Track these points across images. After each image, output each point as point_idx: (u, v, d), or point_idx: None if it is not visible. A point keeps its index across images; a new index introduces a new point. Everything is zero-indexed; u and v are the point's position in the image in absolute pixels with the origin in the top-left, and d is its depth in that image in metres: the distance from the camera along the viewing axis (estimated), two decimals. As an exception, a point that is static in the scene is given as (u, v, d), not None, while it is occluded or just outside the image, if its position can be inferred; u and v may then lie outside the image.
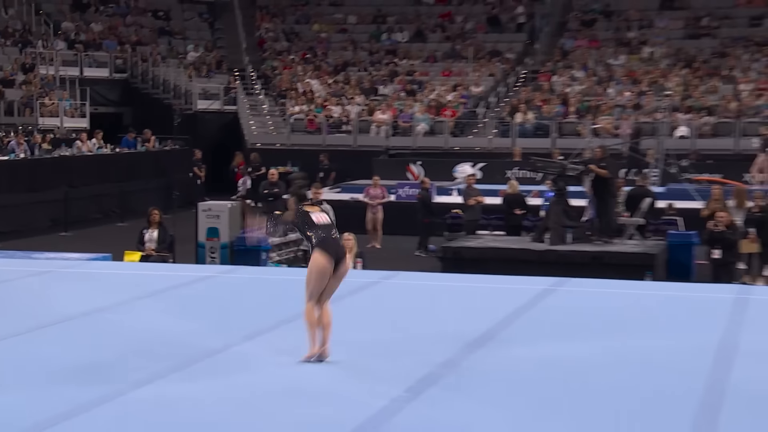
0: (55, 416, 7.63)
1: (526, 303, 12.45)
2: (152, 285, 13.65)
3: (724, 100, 33.45)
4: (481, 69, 38.70)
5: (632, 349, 10.08)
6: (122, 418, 7.78)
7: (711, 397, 8.48)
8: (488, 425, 7.65)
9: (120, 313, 11.83)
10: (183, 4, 44.68)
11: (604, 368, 9.46)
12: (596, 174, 19.31)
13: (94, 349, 10.11)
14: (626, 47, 39.01)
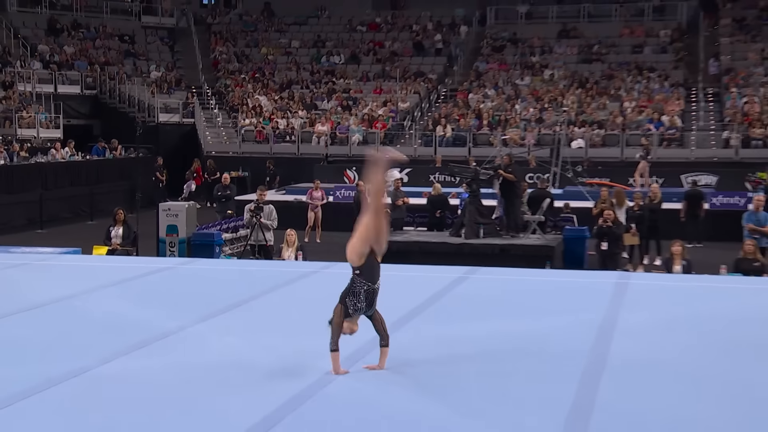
0: (29, 389, 7.55)
1: (442, 289, 12.46)
2: (117, 275, 13.49)
3: (612, 115, 33.90)
4: (407, 87, 38.84)
5: (531, 326, 10.16)
6: (89, 389, 7.75)
7: (593, 365, 8.59)
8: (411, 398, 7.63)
9: (87, 299, 11.69)
10: (146, 29, 44.29)
11: (507, 341, 9.51)
12: (504, 178, 19.46)
13: (64, 331, 9.99)
14: (530, 70, 39.40)
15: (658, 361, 8.78)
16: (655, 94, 36.02)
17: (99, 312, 10.86)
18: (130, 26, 44.09)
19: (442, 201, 22.61)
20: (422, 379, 8.15)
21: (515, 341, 9.58)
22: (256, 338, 9.68)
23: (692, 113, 34.90)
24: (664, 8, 41.70)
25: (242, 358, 8.84)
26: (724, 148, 31.54)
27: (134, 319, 10.53)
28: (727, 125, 32.90)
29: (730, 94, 35.10)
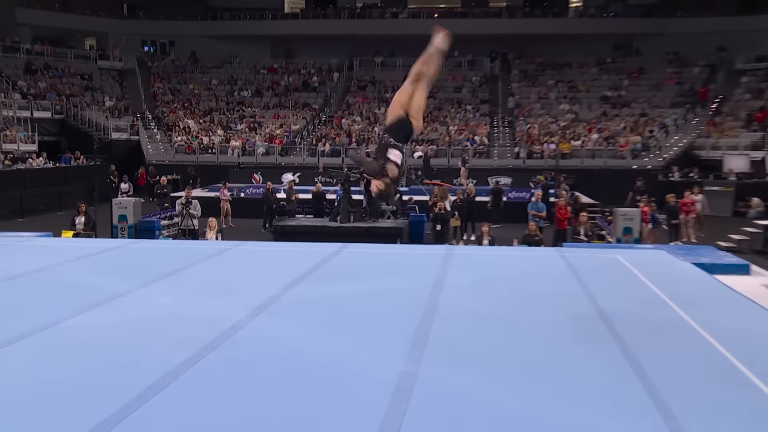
0: (4, 340, 7.10)
1: (322, 259, 12.36)
2: (79, 253, 12.85)
3: (441, 135, 34.43)
4: (297, 114, 38.52)
5: (386, 286, 10.19)
6: (55, 339, 7.39)
7: (429, 309, 8.67)
8: (302, 335, 7.56)
9: (55, 271, 11.10)
10: (101, 70, 42.70)
11: (371, 294, 9.52)
12: (367, 179, 19.49)
13: (32, 295, 9.43)
14: (384, 102, 39.53)
15: (477, 309, 8.93)
16: (470, 121, 36.81)
17: (64, 280, 10.33)
18: (89, 68, 42.66)
19: (322, 196, 22.53)
20: (311, 322, 8.07)
21: (376, 294, 9.59)
22: (187, 297, 9.39)
23: (495, 134, 35.82)
24: (474, 62, 42.75)
25: (176, 312, 8.56)
26: (516, 158, 32.49)
27: (93, 285, 10.06)
28: (517, 143, 33.88)
29: (519, 122, 36.16)
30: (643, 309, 8.78)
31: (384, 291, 9.89)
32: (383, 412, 5.39)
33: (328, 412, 5.45)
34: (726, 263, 11.95)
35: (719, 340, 7.23)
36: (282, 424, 5.24)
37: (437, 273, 11.21)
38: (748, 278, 11.28)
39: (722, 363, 6.62)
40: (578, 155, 32.08)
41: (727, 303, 9.29)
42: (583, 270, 11.04)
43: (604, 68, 41.07)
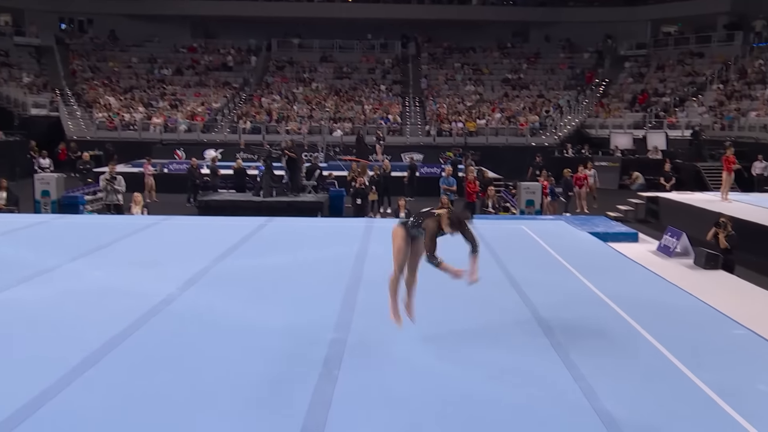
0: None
1: (249, 233, 12.15)
2: (4, 228, 12.17)
3: (357, 114, 34.27)
4: (218, 92, 37.41)
5: (311, 256, 10.11)
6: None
7: (354, 278, 8.71)
8: (227, 303, 7.44)
9: (-18, 246, 10.50)
10: (18, 46, 40.07)
11: (297, 265, 9.44)
12: (289, 156, 19.17)
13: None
14: (302, 83, 38.99)
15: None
16: (384, 100, 36.72)
17: (-7, 255, 9.80)
18: (5, 44, 39.77)
19: (243, 172, 22.06)
20: (242, 294, 7.93)
21: (303, 265, 9.51)
22: (118, 271, 9.05)
23: (407, 113, 35.91)
24: (386, 45, 42.52)
25: (109, 286, 8.25)
26: (426, 136, 32.69)
27: (20, 259, 9.58)
28: (428, 122, 34.12)
29: (429, 102, 36.40)
30: (549, 276, 9.05)
31: (310, 262, 9.80)
32: (315, 380, 5.37)
33: (265, 379, 5.38)
34: (617, 232, 12.47)
35: (618, 304, 7.54)
36: (226, 391, 5.13)
37: (359, 245, 11.22)
38: (637, 245, 11.81)
39: (620, 324, 6.91)
40: (483, 133, 32.77)
41: (620, 268, 9.70)
42: (492, 240, 11.27)
43: (505, 52, 41.93)
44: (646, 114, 33.94)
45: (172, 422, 4.60)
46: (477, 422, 4.64)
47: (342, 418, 4.67)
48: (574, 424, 4.60)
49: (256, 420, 4.63)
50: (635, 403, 4.90)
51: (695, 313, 7.24)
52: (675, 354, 5.85)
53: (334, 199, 19.74)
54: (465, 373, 5.55)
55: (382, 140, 28.54)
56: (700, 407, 4.79)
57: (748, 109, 30.28)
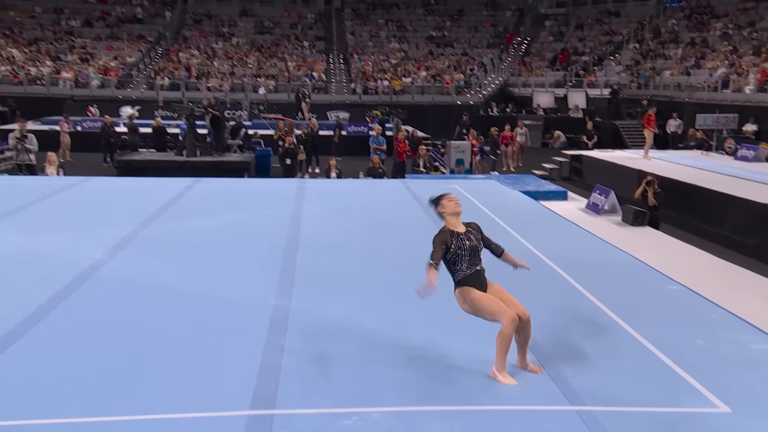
0: None
1: (176, 194, 11.71)
2: None
3: (280, 71, 33.47)
4: (132, 46, 35.68)
5: (246, 219, 9.85)
6: None
7: (291, 241, 8.54)
8: (166, 268, 7.14)
9: None
10: None
11: (232, 228, 9.15)
12: (212, 114, 18.56)
13: None
14: (222, 37, 37.67)
15: (336, 239, 8.85)
16: (308, 57, 35.98)
17: None
18: None
19: (163, 131, 21.23)
20: (176, 258, 7.63)
21: (237, 228, 9.25)
22: (37, 236, 8.53)
23: (332, 71, 35.35)
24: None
25: (29, 251, 7.78)
26: (352, 94, 32.32)
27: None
28: (353, 79, 33.70)
29: (354, 59, 35.90)
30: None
31: (244, 224, 9.54)
32: (262, 347, 5.22)
33: (207, 349, 5.18)
34: (547, 190, 12.70)
35: (555, 262, 7.66)
36: (163, 359, 4.91)
37: (294, 206, 10.98)
38: (566, 203, 12.07)
39: (559, 281, 7.03)
40: (409, 91, 32.61)
41: (553, 226, 9.88)
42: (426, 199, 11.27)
43: (428, 9, 41.71)
44: (567, 73, 34.62)
45: (109, 395, 4.36)
46: (427, 378, 4.61)
47: (293, 387, 4.55)
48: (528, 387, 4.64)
49: (203, 392, 4.45)
50: (579, 360, 4.98)
51: (629, 270, 7.45)
52: (614, 310, 6.00)
53: (260, 159, 19.30)
54: (409, 334, 5.51)
55: (308, 98, 27.99)
56: (644, 363, 4.92)
57: (663, 68, 31.31)
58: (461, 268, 4.69)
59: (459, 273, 4.70)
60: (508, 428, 4.00)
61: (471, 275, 4.69)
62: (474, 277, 4.69)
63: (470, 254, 4.70)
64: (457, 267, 4.70)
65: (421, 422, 4.10)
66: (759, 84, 22.70)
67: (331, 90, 32.61)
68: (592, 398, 4.32)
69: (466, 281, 4.68)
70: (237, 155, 18.94)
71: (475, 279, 4.69)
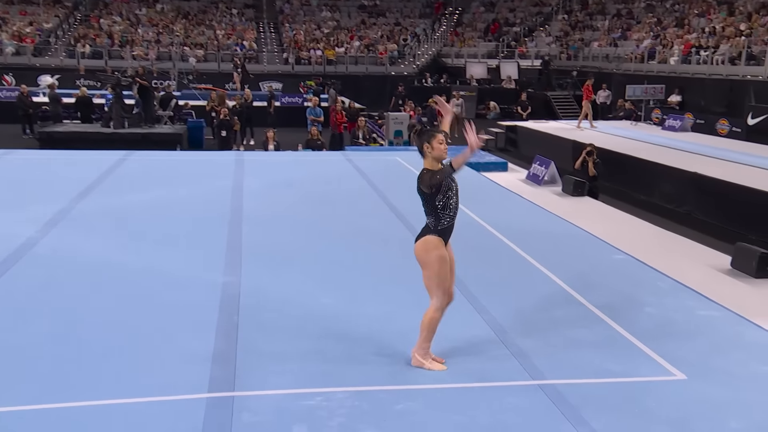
0: None
1: (108, 168, 11.22)
2: None
3: (209, 39, 32.46)
4: (48, 11, 33.85)
5: (184, 192, 9.54)
6: None
7: (235, 215, 8.32)
8: (106, 246, 6.83)
9: None
10: None
11: (172, 203, 8.84)
12: (140, 84, 17.83)
13: None
14: (145, 2, 36.14)
15: (280, 212, 8.68)
16: (237, 25, 35.00)
17: None
18: None
19: (88, 101, 20.29)
20: (116, 235, 7.30)
21: (177, 203, 8.94)
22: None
23: (262, 40, 34.52)
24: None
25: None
26: (285, 64, 31.68)
27: None
28: (285, 49, 33.04)
29: (285, 28, 35.15)
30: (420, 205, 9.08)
31: (184, 198, 9.22)
32: (214, 327, 5.05)
33: (159, 330, 4.98)
34: (488, 161, 12.79)
35: (503, 233, 7.72)
36: (113, 340, 4.69)
37: (234, 179, 10.69)
38: (507, 174, 12.19)
39: (510, 253, 7.09)
40: (342, 62, 32.21)
41: (498, 197, 9.96)
42: (371, 172, 11.17)
43: (360, -22, 41.40)
44: (499, 44, 34.91)
45: (59, 381, 4.13)
46: (387, 356, 4.56)
47: (251, 367, 4.42)
48: (489, 363, 4.65)
49: (158, 374, 4.27)
50: (537, 333, 5.03)
51: (576, 240, 7.58)
52: (566, 281, 6.08)
53: (193, 131, 18.69)
54: (363, 310, 5.44)
55: (240, 68, 27.28)
56: (599, 333, 5.01)
57: (591, 40, 31.94)
58: (448, 214, 4.36)
59: (443, 220, 4.35)
60: (473, 405, 3.99)
61: (449, 227, 4.39)
62: (449, 230, 4.41)
63: (457, 196, 4.39)
64: (445, 213, 4.34)
65: (387, 401, 4.05)
66: (683, 55, 23.42)
67: (263, 60, 31.86)
68: (553, 372, 4.36)
69: (443, 233, 4.38)
70: (168, 127, 18.30)
71: (449, 231, 4.42)
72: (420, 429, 3.75)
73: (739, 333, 4.99)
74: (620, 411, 3.87)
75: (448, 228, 4.40)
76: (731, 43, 21.63)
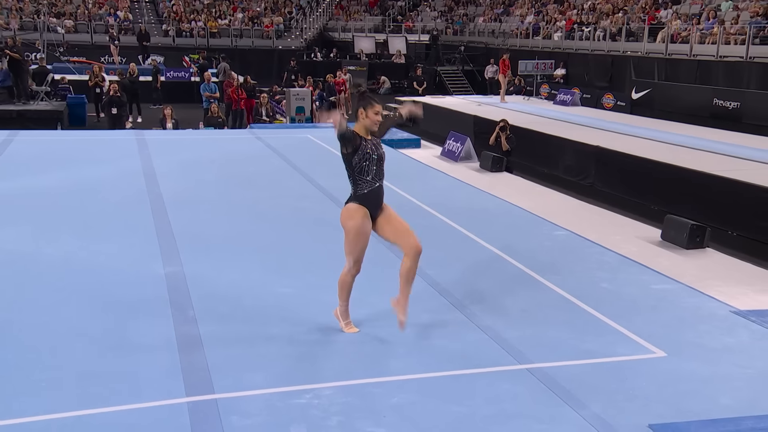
0: None
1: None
2: None
3: (79, 9, 30.21)
4: None
5: (93, 175, 8.84)
6: None
7: (156, 199, 7.81)
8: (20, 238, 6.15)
9: None
10: None
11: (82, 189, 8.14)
12: (11, 57, 16.34)
13: None
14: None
15: (198, 195, 8.21)
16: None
17: None
18: None
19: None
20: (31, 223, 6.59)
21: (87, 185, 8.25)
22: None
23: (137, 9, 32.60)
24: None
25: None
26: (165, 36, 30.08)
27: None
28: (164, 20, 31.40)
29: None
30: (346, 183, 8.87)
31: (93, 181, 8.52)
32: (171, 324, 4.67)
33: (111, 330, 4.53)
34: (401, 138, 12.72)
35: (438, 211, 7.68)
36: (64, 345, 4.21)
37: (141, 160, 10.00)
38: (421, 151, 12.20)
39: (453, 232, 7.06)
40: (227, 34, 31.00)
41: (420, 174, 9.91)
42: (288, 151, 10.81)
43: (237, -54, 39.95)
44: (385, 18, 34.89)
45: (15, 394, 3.66)
46: (367, 346, 4.40)
47: (224, 365, 4.11)
48: (470, 348, 4.58)
49: (126, 379, 3.87)
50: (508, 315, 5.02)
51: (512, 216, 7.65)
52: (519, 260, 6.11)
53: (74, 108, 17.42)
54: (323, 297, 5.22)
55: (117, 40, 25.64)
56: (566, 312, 5.06)
57: (474, 15, 32.57)
58: (366, 179, 4.37)
59: (362, 185, 4.37)
60: (469, 394, 3.90)
61: (371, 192, 4.39)
62: (373, 195, 4.41)
63: (378, 164, 4.38)
64: (362, 177, 4.36)
65: (379, 395, 3.88)
66: (566, 32, 24.36)
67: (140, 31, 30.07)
68: (536, 355, 4.35)
69: (363, 199, 4.39)
70: (45, 103, 16.92)
71: (373, 197, 4.41)
72: (422, 423, 3.62)
73: (697, 305, 5.20)
74: (614, 392, 3.91)
75: (369, 195, 4.40)
76: (611, 20, 22.74)
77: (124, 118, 15.60)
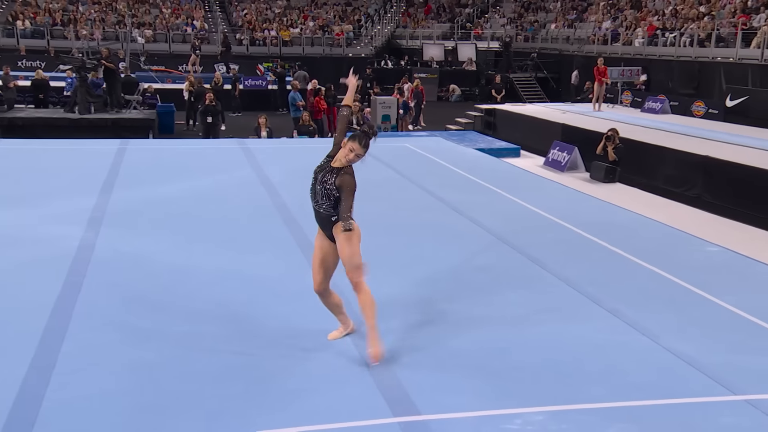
0: None
1: (113, 159, 10.31)
2: None
3: (157, 18, 30.89)
4: (-24, -11, 31.45)
5: (210, 184, 8.86)
6: None
7: (282, 210, 7.62)
8: (174, 248, 6.18)
9: None
10: None
11: (205, 199, 8.15)
12: (106, 66, 16.68)
13: None
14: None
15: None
16: (183, 4, 33.49)
17: None
18: None
19: (45, 84, 18.90)
20: (175, 232, 6.60)
21: (210, 197, 8.26)
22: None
23: (211, 19, 33.15)
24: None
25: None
26: (239, 45, 30.48)
27: None
28: (237, 29, 31.83)
29: (234, 8, 33.83)
30: (478, 197, 8.58)
31: (217, 191, 8.53)
32: (349, 339, 4.56)
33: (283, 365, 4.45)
34: (500, 147, 12.49)
35: (573, 224, 7.39)
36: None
37: (253, 169, 10.00)
38: (522, 160, 11.93)
39: (597, 248, 6.78)
40: (298, 43, 31.24)
41: (537, 186, 9.56)
42: (391, 160, 10.67)
43: (306, -44, 40.29)
44: (453, 25, 34.67)
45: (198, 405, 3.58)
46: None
47: (419, 378, 3.96)
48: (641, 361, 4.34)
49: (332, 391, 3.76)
50: (681, 333, 4.76)
51: (652, 230, 7.32)
52: (680, 277, 5.81)
53: (163, 116, 17.71)
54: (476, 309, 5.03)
55: (198, 50, 26.08)
56: (752, 333, 4.77)
57: (546, 21, 32.07)
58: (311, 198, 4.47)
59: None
60: (688, 424, 3.65)
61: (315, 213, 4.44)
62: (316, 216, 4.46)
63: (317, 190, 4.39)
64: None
65: (590, 423, 3.67)
66: (648, 38, 23.71)
67: (215, 41, 30.59)
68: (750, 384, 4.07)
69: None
70: (137, 112, 17.24)
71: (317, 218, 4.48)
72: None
73: None
74: None
75: (315, 213, 4.43)
76: (697, 25, 22.03)
77: (218, 127, 15.74)
